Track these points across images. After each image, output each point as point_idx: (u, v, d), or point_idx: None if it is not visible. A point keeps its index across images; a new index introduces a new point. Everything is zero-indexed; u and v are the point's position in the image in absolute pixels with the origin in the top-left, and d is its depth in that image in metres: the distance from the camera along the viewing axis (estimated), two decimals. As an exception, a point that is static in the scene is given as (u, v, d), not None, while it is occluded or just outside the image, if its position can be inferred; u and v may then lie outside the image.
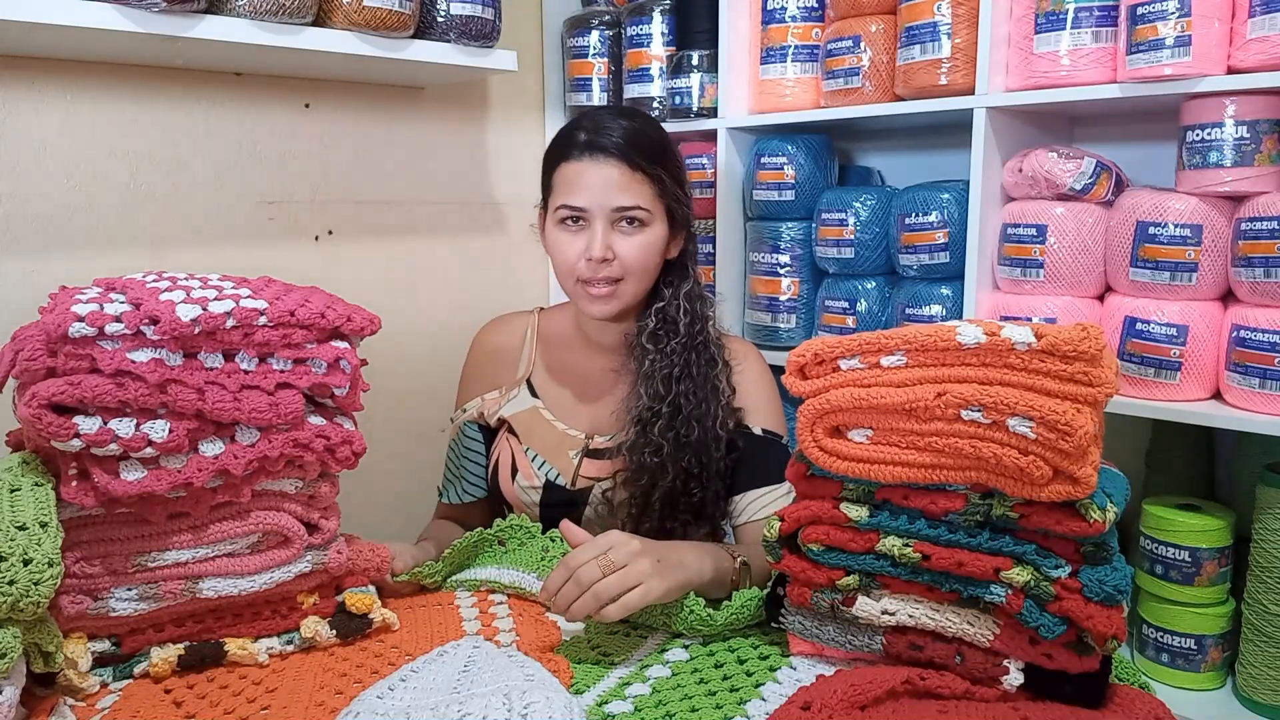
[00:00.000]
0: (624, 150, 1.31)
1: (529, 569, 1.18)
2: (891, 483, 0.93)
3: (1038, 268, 1.50)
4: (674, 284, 1.40)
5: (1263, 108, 1.33)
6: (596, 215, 1.31)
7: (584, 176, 1.31)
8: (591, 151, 1.31)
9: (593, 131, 1.33)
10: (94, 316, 0.91)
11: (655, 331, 1.37)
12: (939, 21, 1.57)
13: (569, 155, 1.33)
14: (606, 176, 1.31)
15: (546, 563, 1.17)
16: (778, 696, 0.94)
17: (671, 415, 1.33)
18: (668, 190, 1.35)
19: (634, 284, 1.35)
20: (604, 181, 1.31)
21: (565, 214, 1.33)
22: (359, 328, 1.06)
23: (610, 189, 1.31)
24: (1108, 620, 0.85)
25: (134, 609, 0.96)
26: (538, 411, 1.44)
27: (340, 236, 1.79)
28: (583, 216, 1.32)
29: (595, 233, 1.31)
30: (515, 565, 1.21)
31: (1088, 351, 0.85)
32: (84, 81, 1.47)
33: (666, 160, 1.36)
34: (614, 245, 1.32)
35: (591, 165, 1.31)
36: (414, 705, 0.85)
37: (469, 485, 1.46)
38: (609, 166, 1.31)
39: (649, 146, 1.34)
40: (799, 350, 0.97)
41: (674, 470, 1.32)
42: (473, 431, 1.47)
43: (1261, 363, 1.32)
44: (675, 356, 1.35)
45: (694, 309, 1.39)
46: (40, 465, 0.96)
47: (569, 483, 1.39)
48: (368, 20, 1.50)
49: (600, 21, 2.09)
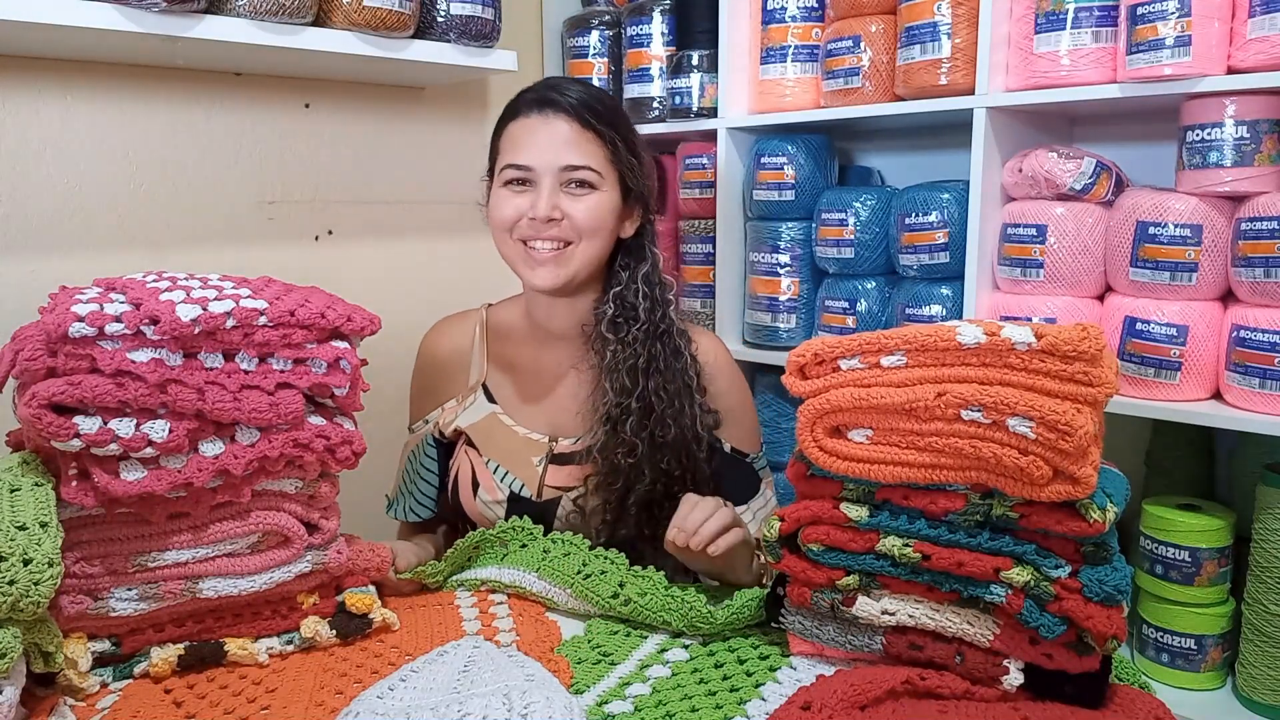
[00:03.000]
0: (576, 108, 1.23)
1: (530, 569, 1.18)
2: (891, 483, 0.93)
3: (1038, 268, 1.50)
4: (630, 266, 1.31)
5: (1263, 108, 1.33)
6: (544, 174, 1.23)
7: (534, 134, 1.23)
8: (541, 107, 1.24)
9: (544, 89, 1.26)
10: (94, 316, 0.91)
11: (614, 319, 1.28)
12: (939, 21, 1.57)
13: (518, 112, 1.26)
14: (556, 132, 1.23)
15: (549, 564, 1.17)
16: (778, 696, 0.94)
17: (643, 413, 1.25)
18: (621, 157, 1.26)
19: (585, 249, 1.25)
20: (553, 138, 1.23)
21: (511, 174, 1.24)
22: (359, 328, 1.06)
23: (559, 146, 1.23)
24: (1108, 620, 0.85)
25: (134, 609, 0.96)
26: (496, 417, 1.35)
27: (340, 236, 1.79)
28: (528, 177, 1.24)
29: (541, 191, 1.22)
30: (517, 565, 1.19)
31: (1088, 351, 0.85)
32: (84, 81, 1.47)
33: (620, 125, 1.28)
34: (561, 205, 1.23)
35: (541, 122, 1.23)
36: (414, 705, 0.85)
37: (415, 504, 1.39)
38: (559, 122, 1.23)
39: (603, 110, 1.26)
40: (799, 350, 0.97)
41: (651, 473, 1.25)
42: (429, 447, 1.38)
43: (1261, 363, 1.32)
44: (638, 345, 1.27)
45: (653, 293, 1.30)
46: (40, 465, 0.96)
47: (535, 494, 1.30)
48: (368, 20, 1.50)
49: (600, 21, 2.09)
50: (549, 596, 1.15)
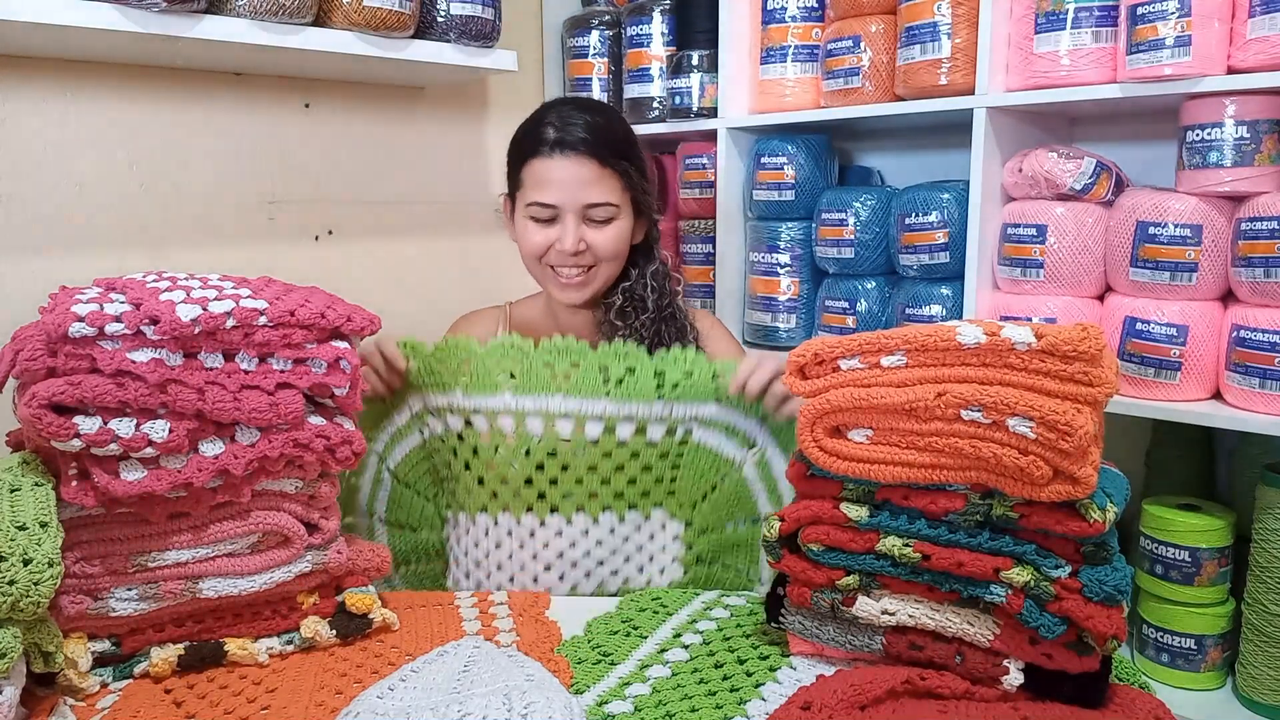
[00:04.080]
0: (593, 147, 1.35)
1: (551, 391, 1.23)
2: (891, 483, 0.93)
3: (1038, 268, 1.50)
4: (639, 265, 1.45)
5: (1263, 108, 1.33)
6: (568, 211, 1.36)
7: (554, 174, 1.35)
8: (561, 149, 1.35)
9: (560, 129, 1.36)
10: (94, 316, 0.91)
11: (623, 308, 1.42)
12: (939, 21, 1.57)
13: (538, 151, 1.37)
14: (576, 174, 1.35)
15: (569, 384, 1.22)
16: (778, 696, 0.94)
17: None
18: (634, 183, 1.39)
19: (606, 269, 1.40)
20: (574, 179, 1.35)
21: (536, 211, 1.38)
22: (359, 328, 1.06)
23: (581, 186, 1.35)
24: (1108, 620, 0.85)
25: (134, 609, 0.96)
26: None
27: (340, 236, 1.79)
28: (553, 215, 1.37)
29: (568, 228, 1.36)
30: (534, 391, 1.23)
31: (1088, 351, 0.85)
32: (84, 81, 1.47)
33: (632, 153, 1.40)
34: (585, 237, 1.37)
35: (562, 163, 1.35)
36: (414, 705, 0.85)
37: None
38: (578, 165, 1.35)
39: (616, 142, 1.38)
40: (799, 350, 0.97)
41: None
42: None
43: (1261, 363, 1.32)
44: (645, 330, 1.40)
45: (661, 285, 1.44)
46: (40, 465, 0.96)
47: None
48: (368, 20, 1.50)
49: (600, 21, 2.09)
50: (582, 413, 1.22)
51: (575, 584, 1.27)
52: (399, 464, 1.29)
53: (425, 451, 1.29)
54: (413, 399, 1.27)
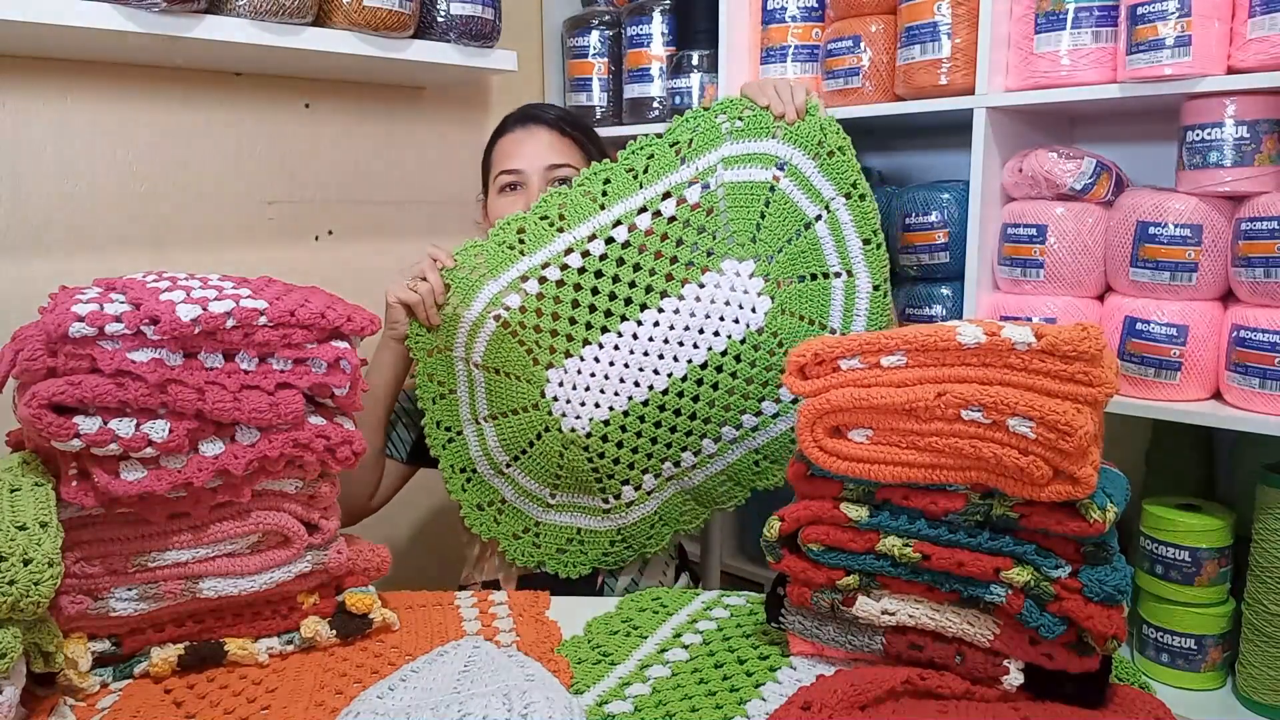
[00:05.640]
0: (555, 120, 1.48)
1: (592, 212, 1.33)
2: (891, 483, 0.93)
3: (1038, 268, 1.50)
4: None
5: (1263, 108, 1.33)
6: (532, 175, 1.44)
7: (520, 144, 1.46)
8: (525, 122, 1.48)
9: (524, 110, 1.51)
10: (94, 316, 0.91)
11: None
12: (939, 21, 1.57)
13: (504, 131, 1.49)
14: (539, 140, 1.46)
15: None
16: (778, 696, 0.94)
17: None
18: (595, 157, 1.47)
19: None
20: (537, 145, 1.46)
21: (505, 180, 1.46)
22: (359, 328, 1.06)
23: (543, 150, 1.45)
24: (1108, 620, 0.85)
25: (134, 609, 0.96)
26: None
27: (340, 236, 1.79)
28: (519, 180, 1.45)
29: (531, 190, 1.44)
30: (579, 222, 1.33)
31: (1088, 351, 0.85)
32: (84, 81, 1.47)
33: (592, 136, 1.52)
34: None
35: (526, 134, 1.47)
36: (414, 705, 0.85)
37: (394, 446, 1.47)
38: (542, 131, 1.47)
39: (576, 122, 1.51)
40: (799, 350, 0.97)
41: None
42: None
43: (1261, 363, 1.32)
44: None
45: None
46: (40, 465, 0.96)
47: None
48: (368, 20, 1.50)
49: (600, 21, 2.09)
50: (628, 213, 1.32)
51: (689, 359, 1.32)
52: (484, 356, 1.33)
53: (508, 331, 1.33)
54: (483, 289, 1.33)
